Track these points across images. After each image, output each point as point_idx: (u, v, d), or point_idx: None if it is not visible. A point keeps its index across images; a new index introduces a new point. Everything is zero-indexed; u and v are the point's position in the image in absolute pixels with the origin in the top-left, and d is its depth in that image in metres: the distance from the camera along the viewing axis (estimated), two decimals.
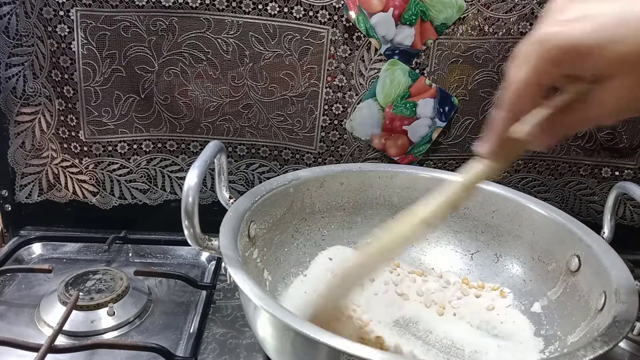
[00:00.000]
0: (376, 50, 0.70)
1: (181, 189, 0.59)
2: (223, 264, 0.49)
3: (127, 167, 0.75)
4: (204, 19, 0.68)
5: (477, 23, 0.69)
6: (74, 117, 0.72)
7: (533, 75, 0.35)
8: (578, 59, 0.33)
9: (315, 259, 0.65)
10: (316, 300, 0.52)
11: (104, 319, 0.60)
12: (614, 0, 0.32)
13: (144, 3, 0.67)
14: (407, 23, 0.68)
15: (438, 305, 0.61)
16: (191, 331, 0.60)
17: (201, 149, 0.54)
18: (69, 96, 0.70)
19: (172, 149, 0.75)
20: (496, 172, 0.43)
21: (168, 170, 0.76)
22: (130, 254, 0.75)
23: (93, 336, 0.59)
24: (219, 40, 0.69)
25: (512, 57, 0.36)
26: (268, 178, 0.68)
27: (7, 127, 0.72)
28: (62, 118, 0.72)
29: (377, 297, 0.61)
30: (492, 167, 0.43)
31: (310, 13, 0.68)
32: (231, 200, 0.59)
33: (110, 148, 0.74)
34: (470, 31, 0.69)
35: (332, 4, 0.67)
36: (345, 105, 0.73)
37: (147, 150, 0.75)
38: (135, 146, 0.74)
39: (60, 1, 0.66)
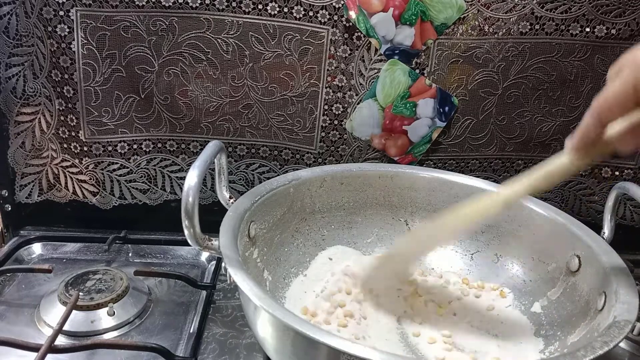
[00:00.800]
0: (376, 50, 0.70)
1: (181, 189, 0.59)
2: (223, 264, 0.49)
3: (127, 167, 0.75)
4: (204, 19, 0.68)
5: (477, 23, 0.69)
6: (74, 117, 0.72)
7: (630, 92, 0.39)
8: None
9: (315, 259, 0.65)
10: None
11: (104, 319, 0.60)
12: None
13: (144, 3, 0.67)
14: (407, 23, 0.68)
15: (438, 304, 0.61)
16: (191, 331, 0.60)
17: (201, 149, 0.54)
18: (69, 96, 0.70)
19: (172, 149, 0.75)
20: (577, 168, 0.46)
21: (168, 170, 0.76)
22: (130, 254, 0.75)
23: (93, 336, 0.59)
24: (219, 40, 0.69)
25: (614, 64, 0.41)
26: (268, 178, 0.68)
27: (7, 127, 0.72)
28: (62, 118, 0.72)
29: (378, 296, 0.61)
30: (574, 163, 0.46)
31: (310, 13, 0.68)
32: (231, 200, 0.59)
33: (110, 148, 0.74)
34: (470, 31, 0.69)
35: (332, 4, 0.67)
36: (345, 105, 0.73)
37: (147, 150, 0.75)
38: (135, 146, 0.74)
39: (60, 1, 0.66)
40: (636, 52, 0.37)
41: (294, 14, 0.68)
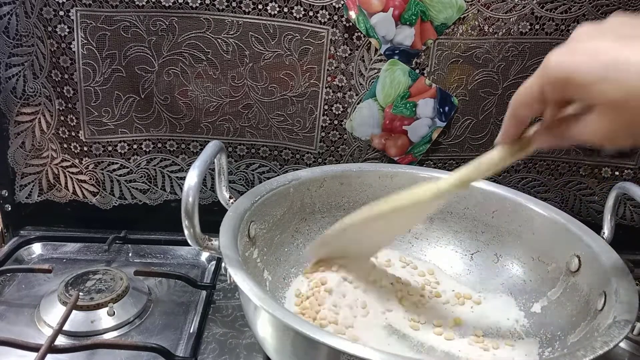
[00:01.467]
0: (376, 50, 0.70)
1: (181, 189, 0.59)
2: (223, 264, 0.49)
3: (127, 167, 0.75)
4: (204, 19, 0.68)
5: (477, 23, 0.69)
6: (74, 117, 0.72)
7: (535, 92, 0.40)
8: (571, 88, 0.37)
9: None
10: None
11: (104, 319, 0.60)
12: (628, 45, 0.35)
13: (144, 3, 0.67)
14: (407, 23, 0.68)
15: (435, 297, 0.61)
16: (191, 331, 0.60)
17: (201, 149, 0.54)
18: (69, 96, 0.70)
19: (172, 149, 0.75)
20: (504, 162, 0.47)
21: (168, 170, 0.76)
22: (130, 254, 0.75)
23: (93, 336, 0.59)
24: (219, 40, 0.69)
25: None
26: (268, 178, 0.68)
27: (7, 127, 0.72)
28: (62, 118, 0.72)
29: (370, 296, 0.60)
30: (502, 157, 0.47)
31: (310, 13, 0.68)
32: (231, 200, 0.59)
33: (110, 148, 0.74)
34: (470, 31, 0.69)
35: (332, 4, 0.67)
36: (345, 105, 0.73)
37: (147, 150, 0.75)
38: (135, 146, 0.74)
39: (60, 1, 0.66)
40: (550, 55, 0.38)
41: (294, 14, 0.68)
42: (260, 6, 0.67)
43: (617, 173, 0.78)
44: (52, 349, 0.53)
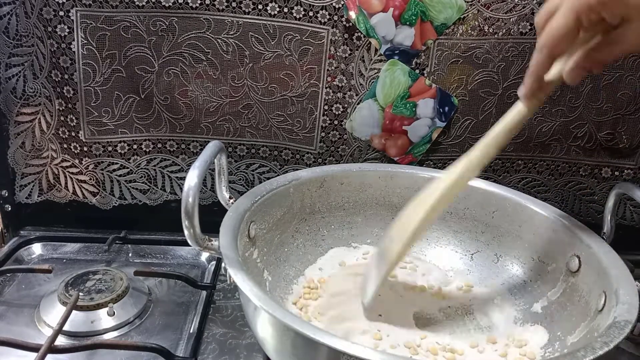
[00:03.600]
0: (376, 50, 0.70)
1: (181, 189, 0.59)
2: (223, 264, 0.49)
3: (127, 168, 0.75)
4: (204, 19, 0.68)
5: (477, 23, 0.69)
6: (74, 117, 0.72)
7: (572, 20, 0.42)
8: (609, 4, 0.41)
9: (315, 263, 0.65)
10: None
11: (104, 319, 0.60)
12: None
13: (144, 3, 0.67)
14: (407, 23, 0.68)
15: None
16: (191, 331, 0.60)
17: (201, 149, 0.54)
18: (69, 96, 0.70)
19: (172, 149, 0.75)
20: (531, 111, 0.49)
21: (168, 171, 0.76)
22: (130, 254, 0.75)
23: (93, 336, 0.59)
24: (219, 40, 0.69)
25: (543, 6, 0.45)
26: (268, 178, 0.68)
27: (7, 127, 0.72)
28: (62, 118, 0.72)
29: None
30: (529, 107, 0.49)
31: (310, 13, 0.68)
32: (231, 201, 0.59)
33: (110, 148, 0.74)
34: (470, 31, 0.69)
35: (332, 4, 0.67)
36: (345, 105, 0.73)
37: (147, 150, 0.75)
38: (135, 146, 0.74)
39: (60, 1, 0.66)
40: None
41: (294, 14, 0.68)
42: (260, 6, 0.67)
43: (617, 173, 0.78)
44: (52, 349, 0.53)
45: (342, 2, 0.67)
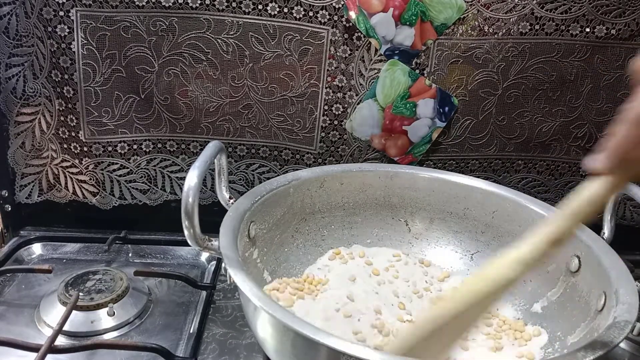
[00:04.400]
0: (376, 50, 0.70)
1: (181, 189, 0.59)
2: (223, 265, 0.49)
3: (127, 168, 0.75)
4: (204, 19, 0.68)
5: (477, 23, 0.69)
6: (74, 118, 0.72)
7: None
8: None
9: (315, 263, 0.65)
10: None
11: (104, 319, 0.60)
12: None
13: (144, 3, 0.67)
14: (407, 23, 0.68)
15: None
16: (191, 331, 0.60)
17: (201, 149, 0.54)
18: (69, 96, 0.70)
19: (172, 149, 0.75)
20: (616, 189, 0.39)
21: (168, 171, 0.76)
22: (130, 254, 0.75)
23: (93, 336, 0.59)
24: (219, 40, 0.69)
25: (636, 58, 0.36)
26: (268, 178, 0.68)
27: (7, 127, 0.72)
28: (62, 118, 0.72)
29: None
30: (611, 184, 0.39)
31: (310, 13, 0.68)
32: (231, 201, 0.59)
33: (110, 148, 0.74)
34: (470, 31, 0.69)
35: (332, 4, 0.67)
36: (345, 105, 0.73)
37: (147, 150, 0.75)
38: (135, 146, 0.74)
39: (60, 1, 0.66)
40: None
41: (294, 14, 0.68)
42: (260, 6, 0.67)
43: None
44: (52, 349, 0.53)
45: (342, 2, 0.67)
